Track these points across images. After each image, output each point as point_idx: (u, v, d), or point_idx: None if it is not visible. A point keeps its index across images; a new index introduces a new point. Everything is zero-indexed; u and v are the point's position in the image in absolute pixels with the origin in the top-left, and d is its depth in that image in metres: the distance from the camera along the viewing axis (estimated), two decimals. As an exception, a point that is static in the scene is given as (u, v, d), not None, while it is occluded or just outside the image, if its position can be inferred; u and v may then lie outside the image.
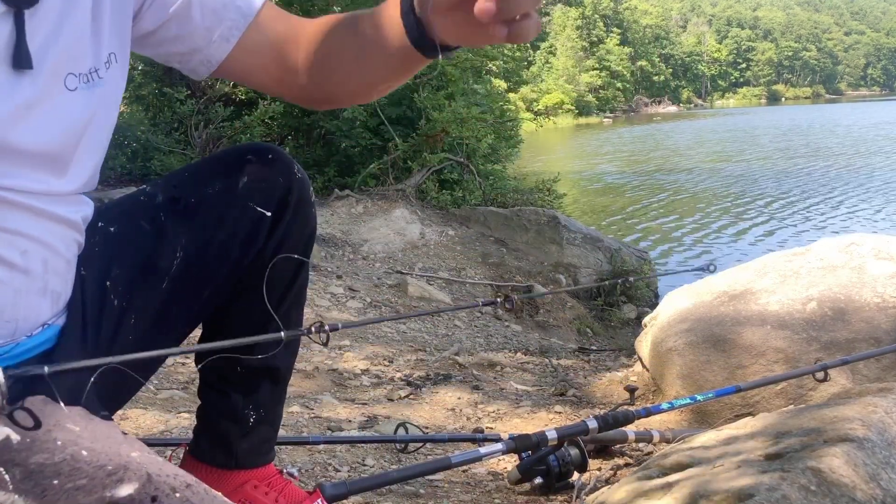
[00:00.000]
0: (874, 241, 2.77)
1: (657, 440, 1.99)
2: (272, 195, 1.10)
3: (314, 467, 1.87)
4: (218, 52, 1.00)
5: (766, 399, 2.34)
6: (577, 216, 9.70)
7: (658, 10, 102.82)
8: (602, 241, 6.51)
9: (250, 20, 1.00)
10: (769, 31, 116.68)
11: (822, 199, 14.04)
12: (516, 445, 1.66)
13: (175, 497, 0.65)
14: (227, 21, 0.99)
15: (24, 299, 0.81)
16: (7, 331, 0.79)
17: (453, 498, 1.77)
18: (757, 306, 2.58)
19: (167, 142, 8.22)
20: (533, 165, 18.81)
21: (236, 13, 0.99)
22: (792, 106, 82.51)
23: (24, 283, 0.81)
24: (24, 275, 0.81)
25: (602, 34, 73.96)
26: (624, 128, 45.21)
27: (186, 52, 0.99)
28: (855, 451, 1.24)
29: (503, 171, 9.58)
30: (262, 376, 1.24)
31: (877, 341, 2.34)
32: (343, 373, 2.93)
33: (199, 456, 1.26)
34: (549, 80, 58.12)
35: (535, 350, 3.79)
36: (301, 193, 1.13)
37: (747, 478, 1.23)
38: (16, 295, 0.80)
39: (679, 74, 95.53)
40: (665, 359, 2.65)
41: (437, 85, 8.48)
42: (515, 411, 2.61)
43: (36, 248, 0.82)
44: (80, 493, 0.63)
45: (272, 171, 1.09)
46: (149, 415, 2.16)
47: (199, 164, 1.18)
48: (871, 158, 20.78)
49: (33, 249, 0.82)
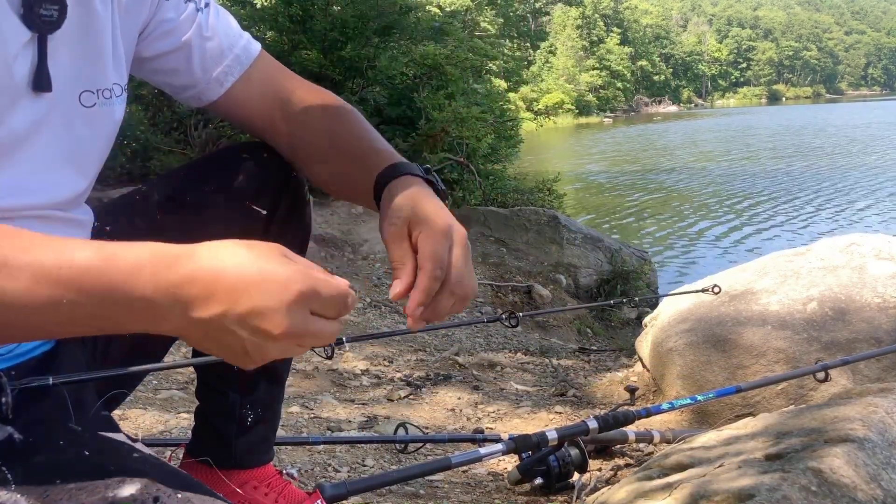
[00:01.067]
0: (875, 241, 2.77)
1: (658, 440, 1.99)
2: (267, 194, 1.10)
3: (314, 468, 1.87)
4: (210, 92, 1.05)
5: (766, 399, 2.34)
6: (574, 215, 9.71)
7: (658, 9, 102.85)
8: (602, 240, 6.51)
9: (246, 67, 1.05)
10: (770, 31, 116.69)
11: (822, 199, 14.05)
12: (516, 446, 1.66)
13: (177, 497, 0.65)
14: (224, 66, 1.04)
15: None
16: None
17: (453, 498, 1.77)
18: (757, 306, 2.58)
19: (166, 141, 8.21)
20: (534, 166, 18.82)
21: (233, 60, 1.04)
22: (792, 106, 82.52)
23: None
24: None
25: (602, 34, 73.97)
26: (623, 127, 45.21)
27: (179, 85, 1.04)
28: (856, 452, 1.24)
29: (503, 171, 9.57)
30: (260, 375, 1.24)
31: (877, 341, 2.34)
32: (343, 373, 2.93)
33: (197, 456, 1.26)
34: (549, 80, 58.11)
35: (536, 350, 3.79)
36: (296, 192, 1.14)
37: (748, 478, 1.23)
38: None
39: (679, 74, 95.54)
40: (665, 359, 2.65)
41: (437, 85, 8.48)
42: (515, 411, 2.61)
43: None
44: (82, 492, 0.63)
45: (267, 169, 1.10)
46: (148, 415, 2.16)
47: (195, 163, 1.18)
48: (869, 158, 20.78)
49: None
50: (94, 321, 0.59)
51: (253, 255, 0.61)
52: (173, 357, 2.78)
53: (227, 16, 1.07)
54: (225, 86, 1.05)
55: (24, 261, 0.56)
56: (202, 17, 1.02)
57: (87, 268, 0.57)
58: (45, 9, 0.77)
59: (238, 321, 0.60)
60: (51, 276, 0.56)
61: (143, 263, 0.59)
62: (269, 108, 1.07)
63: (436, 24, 10.23)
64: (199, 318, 0.60)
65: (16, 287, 0.55)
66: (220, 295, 0.59)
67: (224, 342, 0.62)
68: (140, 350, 1.09)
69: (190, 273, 0.59)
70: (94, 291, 0.57)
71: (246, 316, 0.60)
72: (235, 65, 1.05)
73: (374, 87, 8.67)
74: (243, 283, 0.60)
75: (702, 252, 10.24)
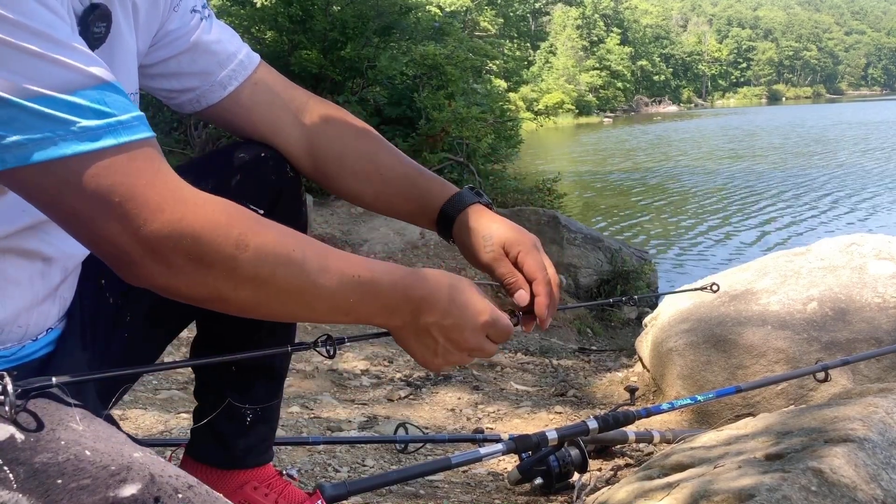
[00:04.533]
0: (875, 241, 2.77)
1: (658, 440, 1.99)
2: (264, 193, 1.10)
3: (314, 468, 1.87)
4: (211, 95, 1.06)
5: (766, 399, 2.34)
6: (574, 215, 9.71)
7: (658, 9, 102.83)
8: (602, 241, 6.51)
9: (250, 72, 1.07)
10: (770, 31, 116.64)
11: (822, 199, 14.05)
12: (516, 446, 1.66)
13: (178, 498, 0.65)
14: (229, 69, 1.05)
15: (38, 307, 0.82)
16: (17, 335, 0.80)
17: (453, 498, 1.77)
18: (758, 306, 2.58)
19: (167, 141, 8.22)
20: (535, 165, 18.82)
21: (238, 65, 1.06)
22: (792, 106, 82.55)
23: (42, 292, 0.83)
24: (45, 285, 0.82)
25: (602, 34, 73.91)
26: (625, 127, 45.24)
27: (179, 89, 1.05)
28: (856, 452, 1.24)
29: (503, 171, 9.58)
30: (258, 375, 1.24)
31: (877, 341, 2.34)
32: (343, 373, 2.93)
33: (197, 456, 1.26)
34: (549, 80, 58.06)
35: (536, 350, 3.79)
36: (293, 191, 1.14)
37: (748, 478, 1.23)
38: (33, 303, 0.81)
39: (679, 74, 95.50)
40: (665, 359, 2.65)
41: (437, 85, 8.49)
42: (515, 412, 2.61)
43: (61, 259, 0.83)
44: (83, 492, 0.63)
45: (264, 169, 1.11)
46: (148, 415, 2.16)
47: (192, 162, 1.19)
48: (870, 158, 20.79)
49: (58, 260, 0.83)
50: (355, 314, 0.81)
51: (461, 286, 0.87)
52: (173, 357, 2.78)
53: (227, 27, 1.09)
54: (228, 89, 1.06)
55: (336, 267, 0.78)
56: (206, 23, 1.04)
57: (370, 279, 0.80)
58: (97, 26, 0.80)
59: (441, 330, 0.85)
60: (351, 281, 0.79)
61: (399, 281, 0.83)
62: (277, 113, 1.09)
63: (436, 24, 10.24)
64: (418, 322, 0.85)
65: (328, 285, 0.77)
66: (436, 310, 0.85)
67: (425, 342, 0.87)
68: (137, 351, 1.10)
69: (426, 293, 0.84)
70: (369, 295, 0.81)
71: (448, 328, 0.86)
72: (240, 69, 1.06)
73: (374, 87, 8.68)
74: (453, 306, 0.86)
75: (702, 252, 10.24)
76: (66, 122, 0.63)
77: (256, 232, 0.74)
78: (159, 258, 0.69)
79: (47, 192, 0.65)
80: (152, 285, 0.72)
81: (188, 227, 0.69)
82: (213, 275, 0.71)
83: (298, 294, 0.76)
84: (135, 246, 0.68)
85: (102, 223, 0.67)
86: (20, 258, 0.77)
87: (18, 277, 0.77)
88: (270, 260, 0.73)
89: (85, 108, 0.64)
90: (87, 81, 0.65)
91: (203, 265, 0.70)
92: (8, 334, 0.78)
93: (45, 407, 0.70)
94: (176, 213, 0.69)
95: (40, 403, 0.70)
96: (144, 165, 0.68)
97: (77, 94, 0.64)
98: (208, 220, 0.70)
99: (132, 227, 0.67)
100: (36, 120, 0.62)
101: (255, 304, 0.75)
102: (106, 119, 0.65)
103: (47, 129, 0.63)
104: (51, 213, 0.69)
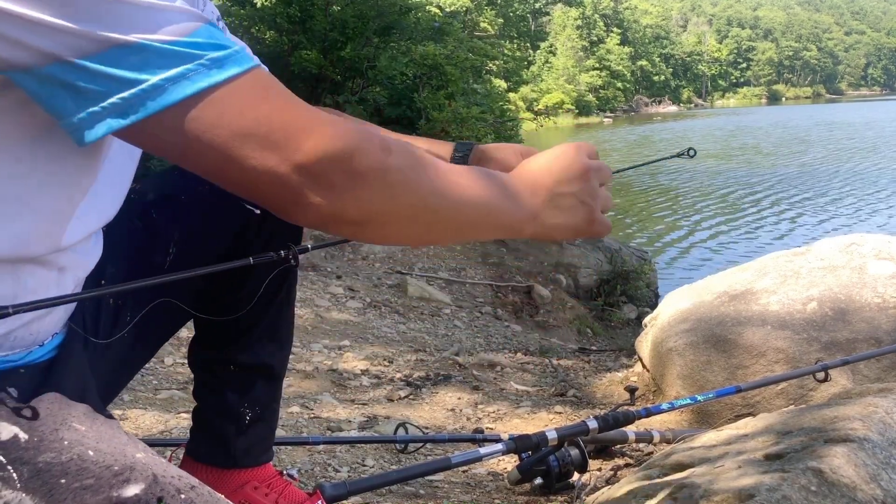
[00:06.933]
0: (875, 241, 2.77)
1: (657, 440, 2.00)
2: None
3: (314, 468, 1.87)
4: None
5: (766, 399, 2.35)
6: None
7: (658, 9, 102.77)
8: (602, 240, 6.51)
9: None
10: (770, 31, 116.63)
11: (822, 199, 14.05)
12: (516, 446, 1.66)
13: (180, 498, 0.65)
14: None
15: (49, 314, 0.82)
16: (27, 341, 0.80)
17: (453, 498, 1.78)
18: (757, 306, 2.58)
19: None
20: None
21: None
22: (792, 106, 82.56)
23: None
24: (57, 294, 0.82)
25: (602, 34, 73.88)
26: (626, 126, 45.24)
27: None
28: (856, 452, 1.25)
29: (503, 171, 9.57)
30: (257, 374, 1.25)
31: (877, 341, 2.35)
32: (343, 373, 2.93)
33: (196, 456, 1.27)
34: (549, 80, 58.05)
35: (536, 350, 3.79)
36: None
37: (748, 478, 1.23)
38: (46, 311, 0.81)
39: (679, 74, 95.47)
40: (665, 359, 2.65)
41: (437, 85, 8.49)
42: (515, 412, 2.62)
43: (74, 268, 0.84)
44: (86, 492, 0.63)
45: None
46: (148, 415, 2.16)
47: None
48: (870, 158, 20.80)
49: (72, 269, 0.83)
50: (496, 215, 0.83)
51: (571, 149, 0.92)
52: (172, 357, 2.78)
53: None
54: None
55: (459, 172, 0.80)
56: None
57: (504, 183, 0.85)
58: None
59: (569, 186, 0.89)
60: (490, 190, 0.82)
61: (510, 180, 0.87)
62: None
63: (436, 25, 10.24)
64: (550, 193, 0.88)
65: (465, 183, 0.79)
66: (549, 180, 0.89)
67: (564, 205, 0.89)
68: (137, 351, 1.10)
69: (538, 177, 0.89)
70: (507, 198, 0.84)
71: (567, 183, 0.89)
72: None
73: (374, 87, 8.68)
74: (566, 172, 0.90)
75: (702, 252, 10.24)
76: (195, 56, 0.63)
77: (387, 136, 0.77)
78: (322, 181, 0.67)
79: (193, 136, 0.64)
80: (320, 217, 0.70)
81: (339, 141, 0.68)
82: (371, 186, 0.70)
83: (441, 196, 0.76)
84: (295, 175, 0.66)
85: (258, 157, 0.65)
86: (38, 267, 0.77)
87: (35, 287, 0.77)
88: (411, 162, 0.73)
89: (204, 44, 0.64)
90: (199, 21, 0.65)
91: (360, 178, 0.69)
92: (20, 341, 0.78)
93: (49, 407, 0.70)
94: (324, 132, 0.67)
95: (44, 403, 0.70)
96: (274, 91, 0.68)
97: (194, 35, 0.64)
98: (348, 132, 0.69)
99: (287, 154, 0.66)
100: (168, 59, 0.62)
101: (412, 214, 0.74)
102: (224, 51, 0.65)
103: (181, 65, 0.63)
104: (198, 163, 0.68)
